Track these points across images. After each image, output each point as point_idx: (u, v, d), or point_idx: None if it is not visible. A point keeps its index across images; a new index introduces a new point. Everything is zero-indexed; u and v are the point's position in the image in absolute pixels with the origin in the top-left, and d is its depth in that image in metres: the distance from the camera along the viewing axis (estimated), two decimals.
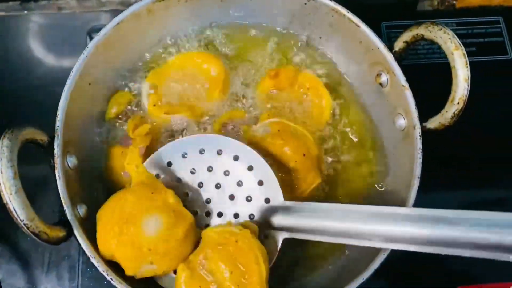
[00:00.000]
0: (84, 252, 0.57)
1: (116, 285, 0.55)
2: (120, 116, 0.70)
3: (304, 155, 0.64)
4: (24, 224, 0.52)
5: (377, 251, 0.57)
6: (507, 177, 0.79)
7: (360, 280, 0.56)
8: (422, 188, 0.60)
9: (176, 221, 0.56)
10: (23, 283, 0.71)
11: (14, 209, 0.51)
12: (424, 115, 0.63)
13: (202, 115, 0.69)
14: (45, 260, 0.72)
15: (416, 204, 0.60)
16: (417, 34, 0.62)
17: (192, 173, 0.62)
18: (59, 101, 0.61)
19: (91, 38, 0.82)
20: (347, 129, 0.71)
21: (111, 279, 0.55)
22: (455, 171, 0.78)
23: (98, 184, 0.67)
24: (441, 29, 0.59)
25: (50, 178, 0.59)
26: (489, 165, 0.79)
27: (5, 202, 0.52)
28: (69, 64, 0.81)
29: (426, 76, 0.76)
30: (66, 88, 0.61)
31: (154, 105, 0.68)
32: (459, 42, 0.59)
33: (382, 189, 0.68)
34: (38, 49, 0.84)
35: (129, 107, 0.70)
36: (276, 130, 0.65)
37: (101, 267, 0.56)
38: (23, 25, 0.85)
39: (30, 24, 0.85)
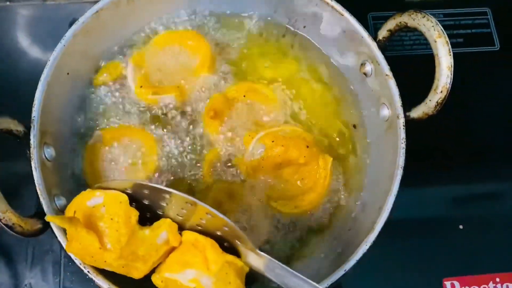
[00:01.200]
0: None
1: (93, 278, 0.55)
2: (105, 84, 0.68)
3: (308, 146, 0.64)
4: None
5: (360, 242, 0.57)
6: (491, 169, 0.78)
7: (341, 271, 0.55)
8: (406, 182, 0.59)
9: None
10: (7, 278, 0.70)
11: None
12: (409, 107, 0.62)
13: (190, 94, 0.69)
14: (29, 255, 0.71)
15: (399, 198, 0.59)
16: (400, 22, 0.62)
17: (145, 203, 0.57)
18: None
19: None
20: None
21: (88, 271, 0.55)
22: (439, 163, 0.78)
23: (77, 177, 0.66)
24: (424, 16, 0.59)
25: (31, 172, 0.58)
26: (474, 158, 0.79)
27: None
28: None
29: (411, 67, 0.75)
30: (42, 77, 0.61)
31: (141, 87, 0.68)
32: (442, 29, 0.58)
33: (365, 181, 0.67)
34: (22, 41, 0.82)
35: (118, 80, 0.69)
36: (270, 142, 0.65)
37: (78, 260, 0.55)
38: (6, 16, 0.84)
39: (14, 16, 0.84)
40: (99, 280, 0.54)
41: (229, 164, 0.66)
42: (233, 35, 0.73)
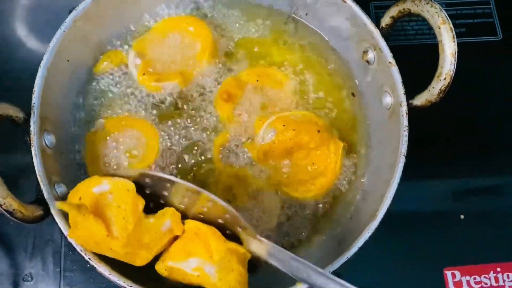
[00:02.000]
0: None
1: (95, 265, 0.54)
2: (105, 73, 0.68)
3: (318, 131, 0.64)
4: None
5: (361, 230, 0.57)
6: (492, 157, 0.78)
7: (344, 258, 0.55)
8: (407, 171, 0.59)
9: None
10: (7, 269, 0.70)
11: None
12: (411, 95, 0.62)
13: (193, 80, 0.68)
14: (29, 244, 0.71)
15: (400, 188, 0.58)
16: (403, 9, 0.61)
17: (148, 193, 0.57)
18: None
19: None
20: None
21: (89, 258, 0.54)
22: (442, 151, 0.78)
23: (78, 165, 0.65)
24: (428, 2, 0.58)
25: (29, 162, 0.57)
26: (476, 146, 0.78)
27: None
28: None
29: (414, 57, 0.75)
30: (42, 63, 0.60)
31: (144, 74, 0.67)
32: (446, 15, 0.57)
33: (367, 169, 0.67)
34: (20, 30, 0.82)
35: (120, 67, 0.69)
36: (281, 126, 0.64)
37: (79, 247, 0.54)
38: (5, 5, 0.83)
39: (12, 4, 0.83)
40: (100, 267, 0.54)
41: (239, 148, 0.66)
42: (234, 22, 0.72)
